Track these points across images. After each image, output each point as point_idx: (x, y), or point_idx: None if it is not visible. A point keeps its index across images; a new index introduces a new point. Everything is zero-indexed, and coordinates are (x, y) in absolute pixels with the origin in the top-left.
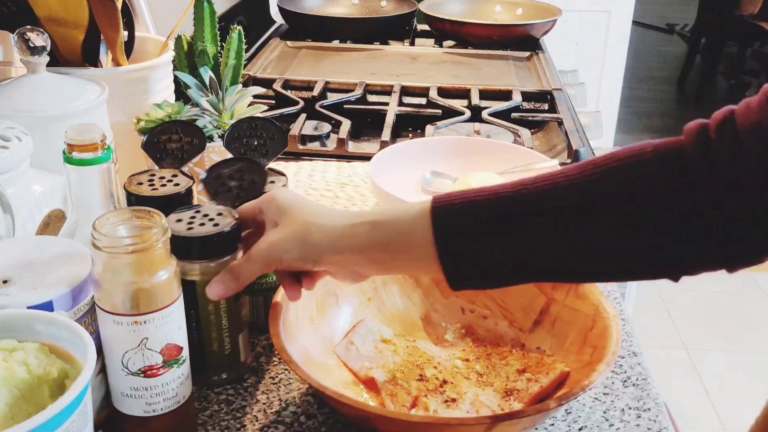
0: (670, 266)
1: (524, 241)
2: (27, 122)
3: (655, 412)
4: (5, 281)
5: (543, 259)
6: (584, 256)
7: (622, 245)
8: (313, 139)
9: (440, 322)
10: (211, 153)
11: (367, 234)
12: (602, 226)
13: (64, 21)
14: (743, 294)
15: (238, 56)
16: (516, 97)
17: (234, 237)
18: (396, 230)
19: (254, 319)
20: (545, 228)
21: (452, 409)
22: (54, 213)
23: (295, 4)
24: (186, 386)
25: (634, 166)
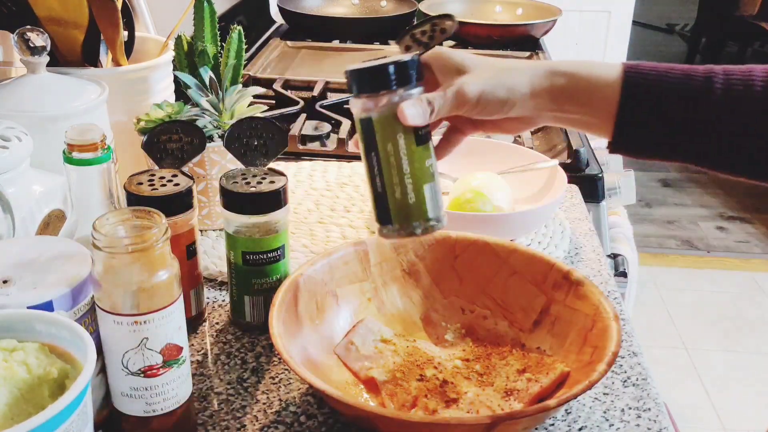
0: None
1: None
2: (27, 122)
3: (655, 412)
4: (5, 281)
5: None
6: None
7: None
8: (313, 139)
9: (440, 322)
10: (211, 153)
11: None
12: None
13: (64, 21)
14: (743, 294)
15: (238, 56)
16: None
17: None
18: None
19: (254, 319)
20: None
21: (452, 409)
22: (54, 213)
23: (295, 4)
24: (186, 386)
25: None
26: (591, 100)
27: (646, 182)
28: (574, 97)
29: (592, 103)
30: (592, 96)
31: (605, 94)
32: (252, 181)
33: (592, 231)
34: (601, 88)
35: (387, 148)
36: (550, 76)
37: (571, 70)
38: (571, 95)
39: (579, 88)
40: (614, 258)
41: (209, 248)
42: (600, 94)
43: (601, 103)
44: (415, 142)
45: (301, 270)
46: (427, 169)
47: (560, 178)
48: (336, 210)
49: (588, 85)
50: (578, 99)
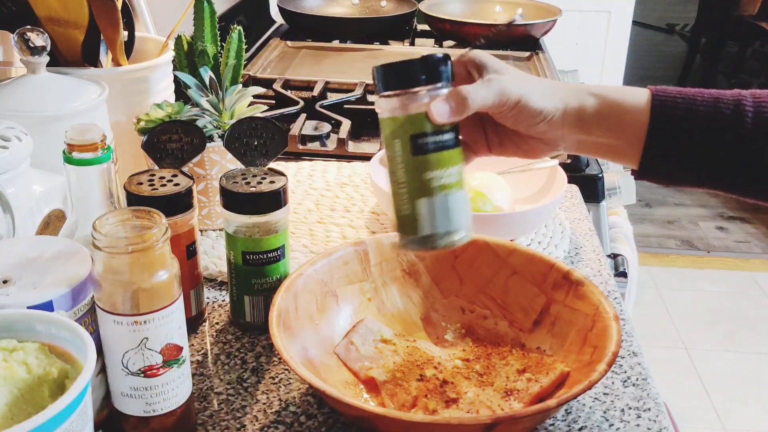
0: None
1: (730, 158)
2: (27, 122)
3: (655, 412)
4: (5, 281)
5: (739, 176)
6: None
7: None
8: (313, 139)
9: (440, 322)
10: (211, 153)
11: (593, 106)
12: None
13: (64, 21)
14: (743, 294)
15: (238, 56)
16: None
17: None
18: (618, 107)
19: (254, 319)
20: (756, 151)
21: (452, 409)
22: (54, 213)
23: (295, 4)
24: (186, 386)
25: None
26: (620, 124)
27: (646, 182)
28: (604, 119)
29: (621, 127)
30: (621, 120)
31: (634, 118)
32: (252, 181)
33: (592, 231)
34: (630, 112)
35: (388, 153)
36: (582, 96)
37: (601, 92)
38: (601, 117)
39: (609, 111)
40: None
41: (209, 248)
42: (629, 118)
43: (629, 128)
44: (411, 151)
45: (301, 270)
46: (427, 181)
47: (560, 178)
48: (336, 210)
49: (618, 109)
50: (607, 122)
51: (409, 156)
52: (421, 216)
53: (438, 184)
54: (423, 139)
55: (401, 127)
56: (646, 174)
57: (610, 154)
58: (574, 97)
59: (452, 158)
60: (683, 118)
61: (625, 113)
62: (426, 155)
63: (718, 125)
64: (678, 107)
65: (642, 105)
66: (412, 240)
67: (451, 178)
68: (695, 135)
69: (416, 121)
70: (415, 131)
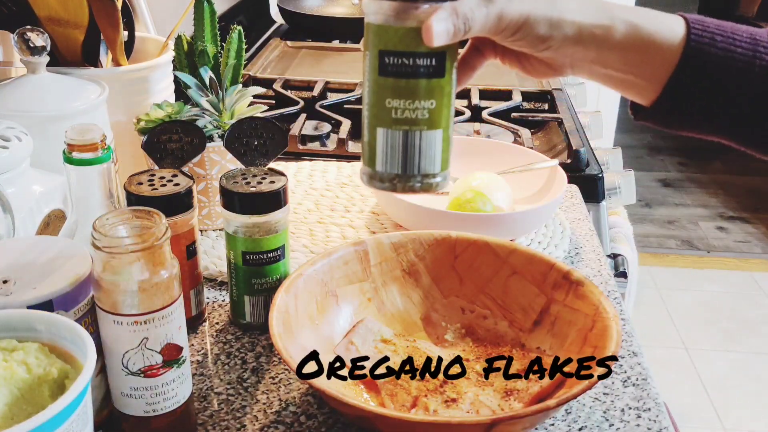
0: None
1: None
2: (27, 122)
3: (655, 412)
4: (5, 281)
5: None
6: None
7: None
8: (313, 139)
9: (440, 322)
10: (211, 153)
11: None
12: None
13: (64, 21)
14: (743, 294)
15: (238, 56)
16: (516, 97)
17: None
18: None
19: (254, 319)
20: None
21: (452, 409)
22: (54, 213)
23: (295, 4)
24: (186, 386)
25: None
26: (645, 61)
27: (646, 182)
28: (627, 53)
29: (645, 64)
30: (648, 57)
31: (663, 57)
32: (252, 181)
33: (592, 231)
34: (660, 49)
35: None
36: (607, 22)
37: (633, 19)
38: (624, 51)
39: (635, 45)
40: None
41: (209, 248)
42: (657, 57)
43: (654, 67)
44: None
45: (301, 270)
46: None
47: (560, 178)
48: (336, 210)
49: (646, 44)
50: (630, 57)
51: (376, 74)
52: (378, 148)
53: (401, 116)
54: (393, 57)
55: (376, 37)
56: (654, 116)
57: (623, 87)
58: (597, 21)
59: (429, 89)
60: (717, 65)
61: (653, 50)
62: (392, 78)
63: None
64: (715, 47)
65: (675, 43)
66: (368, 173)
67: (421, 113)
68: (726, 84)
69: (393, 33)
70: (386, 46)
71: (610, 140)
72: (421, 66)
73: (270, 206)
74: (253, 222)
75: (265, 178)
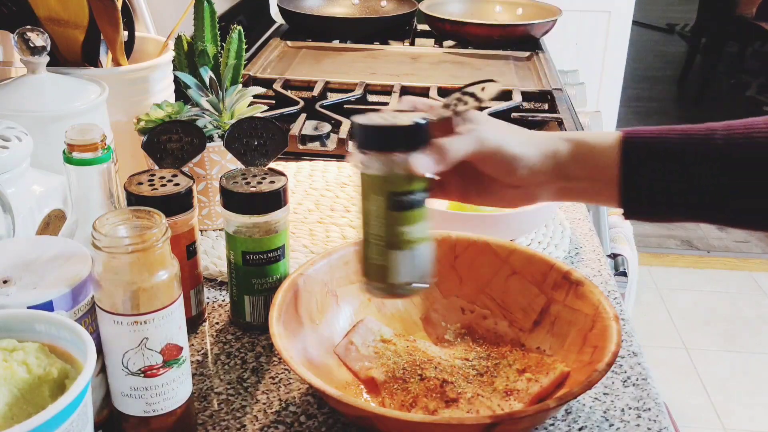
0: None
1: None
2: (27, 122)
3: (655, 412)
4: (5, 281)
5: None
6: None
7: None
8: (313, 139)
9: (440, 322)
10: (211, 153)
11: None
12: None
13: (64, 21)
14: (743, 294)
15: (238, 56)
16: (516, 97)
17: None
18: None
19: (254, 319)
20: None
21: (452, 409)
22: (54, 213)
23: (295, 4)
24: (186, 386)
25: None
26: (594, 167)
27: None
28: (579, 163)
29: (596, 169)
30: (595, 162)
31: (607, 159)
32: (252, 181)
33: (592, 231)
34: (603, 152)
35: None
36: (556, 142)
37: (574, 137)
38: (576, 161)
39: (582, 154)
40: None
41: (209, 248)
42: (602, 160)
43: (603, 170)
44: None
45: (301, 270)
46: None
47: None
48: (336, 210)
49: (590, 151)
50: (582, 166)
51: (387, 211)
52: (392, 266)
53: (410, 238)
54: (400, 197)
55: (380, 184)
56: (632, 213)
57: (592, 197)
58: (550, 143)
59: (424, 214)
60: (653, 150)
61: (597, 154)
62: (402, 212)
63: (690, 155)
64: (647, 141)
65: (613, 143)
66: (378, 287)
67: (422, 232)
68: (668, 166)
69: (395, 179)
70: (393, 189)
71: None
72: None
73: (270, 206)
74: (253, 222)
75: (265, 178)
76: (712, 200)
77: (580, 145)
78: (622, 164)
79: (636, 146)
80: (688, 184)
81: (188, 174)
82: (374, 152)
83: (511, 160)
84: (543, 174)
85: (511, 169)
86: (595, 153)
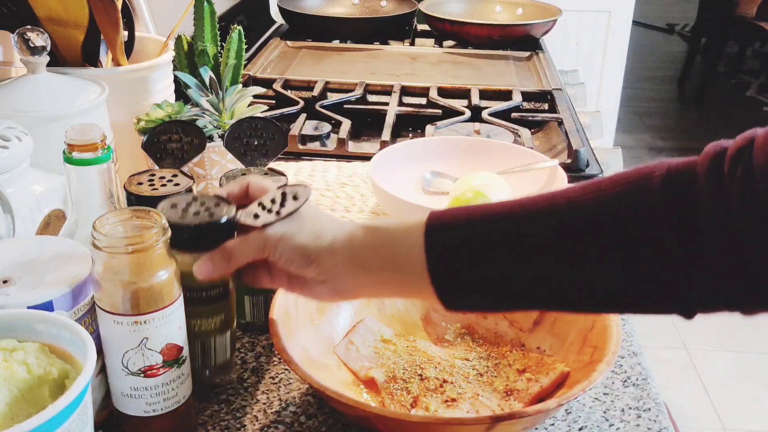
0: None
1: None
2: (27, 122)
3: (655, 412)
4: (5, 281)
5: (535, 286)
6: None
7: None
8: (313, 139)
9: (440, 322)
10: (211, 153)
11: (362, 237)
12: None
13: (64, 21)
14: None
15: (238, 56)
16: (516, 97)
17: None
18: (391, 235)
19: (254, 319)
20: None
21: (452, 409)
22: (54, 213)
23: (295, 4)
24: (186, 386)
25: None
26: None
27: None
28: (376, 251)
29: (398, 257)
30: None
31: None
32: None
33: None
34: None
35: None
36: (352, 229)
37: (373, 224)
38: (372, 249)
39: (379, 241)
40: None
41: None
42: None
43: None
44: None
45: None
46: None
47: (560, 178)
48: (336, 210)
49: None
50: (381, 253)
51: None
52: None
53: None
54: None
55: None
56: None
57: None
58: (347, 230)
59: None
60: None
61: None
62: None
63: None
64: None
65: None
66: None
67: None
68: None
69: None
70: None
71: (610, 140)
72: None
73: None
74: None
75: (265, 178)
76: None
77: (376, 231)
78: (427, 254)
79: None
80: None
81: (188, 174)
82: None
83: (301, 253)
84: (340, 266)
85: (303, 263)
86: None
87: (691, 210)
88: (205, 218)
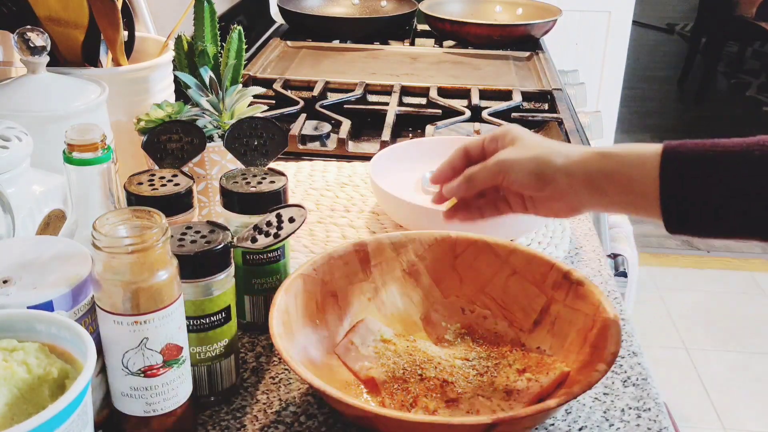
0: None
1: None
2: (27, 122)
3: (655, 412)
4: (5, 281)
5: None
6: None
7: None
8: (313, 139)
9: (440, 322)
10: (211, 153)
11: (597, 162)
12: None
13: (64, 21)
14: (743, 294)
15: (238, 56)
16: (516, 97)
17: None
18: (625, 162)
19: (254, 319)
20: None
21: (452, 409)
22: (54, 213)
23: (295, 4)
24: (186, 386)
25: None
26: (630, 180)
27: None
28: (611, 176)
29: (632, 183)
30: (631, 174)
31: (644, 171)
32: (252, 181)
33: (592, 231)
34: (639, 165)
35: None
36: (585, 156)
37: (607, 150)
38: (607, 175)
39: (614, 167)
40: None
41: None
42: (638, 172)
43: (641, 182)
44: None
45: (301, 270)
46: (196, 354)
47: None
48: (336, 210)
49: (623, 163)
50: (616, 179)
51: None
52: (197, 380)
53: (203, 357)
54: (192, 319)
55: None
56: (675, 227)
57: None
58: (576, 153)
59: (217, 336)
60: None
61: (633, 167)
62: (194, 333)
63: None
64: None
65: (651, 155)
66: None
67: (213, 352)
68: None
69: (187, 304)
70: (188, 312)
71: (610, 140)
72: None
73: (270, 206)
74: (254, 222)
75: (265, 178)
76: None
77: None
78: (661, 177)
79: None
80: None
81: (188, 174)
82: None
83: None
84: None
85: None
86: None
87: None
88: (204, 246)
